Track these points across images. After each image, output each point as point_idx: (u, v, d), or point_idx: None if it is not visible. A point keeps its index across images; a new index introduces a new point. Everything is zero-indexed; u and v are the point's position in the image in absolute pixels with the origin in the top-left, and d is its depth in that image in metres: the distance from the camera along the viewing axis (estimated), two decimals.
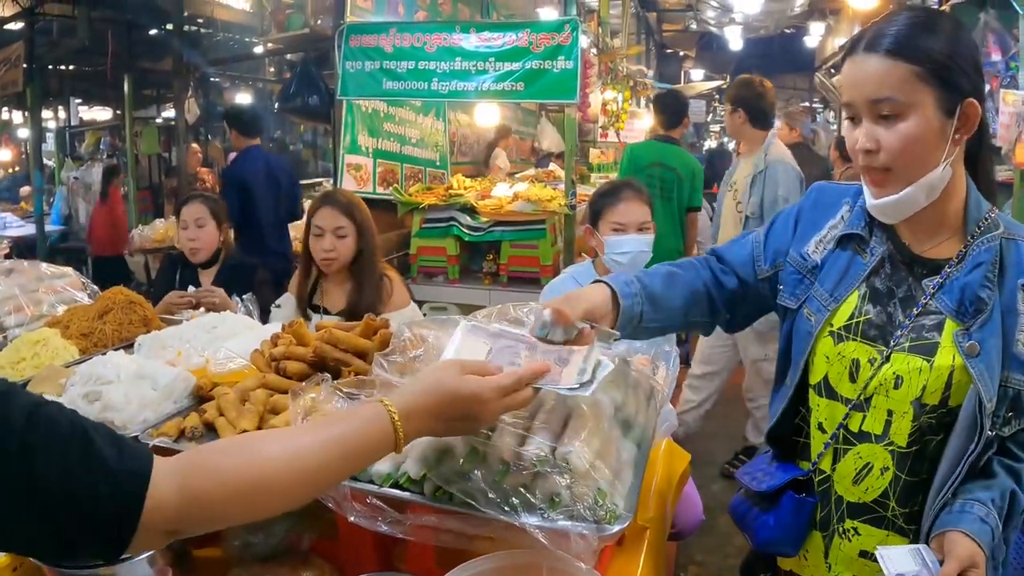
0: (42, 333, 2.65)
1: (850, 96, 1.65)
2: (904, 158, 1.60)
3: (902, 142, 1.58)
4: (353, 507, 1.57)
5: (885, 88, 1.58)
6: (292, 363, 2.13)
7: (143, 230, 6.98)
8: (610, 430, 1.68)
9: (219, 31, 11.74)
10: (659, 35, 18.98)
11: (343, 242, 3.44)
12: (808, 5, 14.30)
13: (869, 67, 1.60)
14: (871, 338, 1.74)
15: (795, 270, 1.90)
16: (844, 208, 1.88)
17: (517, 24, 6.43)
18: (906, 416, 1.69)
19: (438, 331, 1.82)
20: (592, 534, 1.43)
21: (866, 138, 1.62)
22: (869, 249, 1.79)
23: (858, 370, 1.75)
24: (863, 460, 1.76)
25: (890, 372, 1.70)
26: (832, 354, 1.79)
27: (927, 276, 1.72)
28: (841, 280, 1.80)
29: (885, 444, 1.72)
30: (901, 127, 1.58)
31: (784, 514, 1.86)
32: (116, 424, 1.99)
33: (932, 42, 1.57)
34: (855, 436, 1.77)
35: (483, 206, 6.29)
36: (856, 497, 1.78)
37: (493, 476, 1.48)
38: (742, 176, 5.14)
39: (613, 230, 3.35)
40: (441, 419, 1.38)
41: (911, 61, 1.56)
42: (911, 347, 1.69)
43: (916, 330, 1.69)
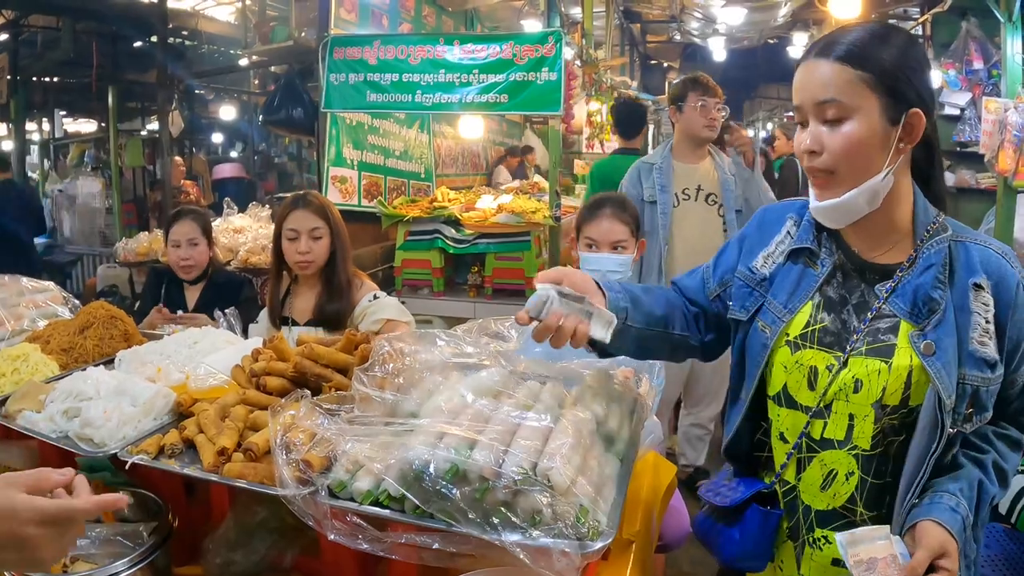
0: (22, 348, 2.62)
1: (799, 99, 1.68)
2: (846, 161, 1.63)
3: (845, 144, 1.61)
4: (333, 525, 1.55)
5: (831, 90, 1.61)
6: (272, 379, 2.12)
7: (127, 243, 6.91)
8: (592, 445, 1.67)
9: (203, 43, 11.74)
10: (643, 46, 19.04)
11: (319, 243, 3.39)
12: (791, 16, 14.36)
13: (819, 71, 1.63)
14: (827, 345, 1.76)
15: (743, 283, 1.92)
16: (789, 223, 1.91)
17: (501, 36, 6.44)
18: (867, 419, 1.71)
19: (416, 345, 1.81)
20: (574, 551, 1.42)
21: (811, 139, 1.65)
22: (820, 261, 1.81)
23: (816, 377, 1.76)
24: (828, 467, 1.77)
25: (849, 376, 1.71)
26: (790, 363, 1.80)
27: (879, 281, 1.74)
28: (794, 292, 1.82)
29: (848, 449, 1.74)
30: (844, 129, 1.61)
31: (750, 528, 1.86)
32: (95, 441, 1.97)
33: (882, 52, 1.60)
34: (818, 443, 1.78)
35: (467, 218, 6.29)
36: (824, 504, 1.79)
37: (473, 494, 1.47)
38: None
39: (587, 246, 3.31)
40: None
41: (859, 67, 1.59)
42: (868, 350, 1.71)
43: (872, 333, 1.72)
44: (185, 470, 1.84)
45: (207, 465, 1.80)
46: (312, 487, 1.59)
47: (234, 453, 1.81)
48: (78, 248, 11.31)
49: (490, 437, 1.54)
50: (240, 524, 1.99)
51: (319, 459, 1.61)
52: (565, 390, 1.86)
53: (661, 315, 1.93)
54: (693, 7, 13.98)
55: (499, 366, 1.88)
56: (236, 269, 5.93)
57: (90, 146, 15.21)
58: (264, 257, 6.19)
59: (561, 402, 1.78)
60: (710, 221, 4.58)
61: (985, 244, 1.74)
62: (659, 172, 4.51)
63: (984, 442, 1.76)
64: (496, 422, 1.61)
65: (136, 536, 1.91)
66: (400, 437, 1.59)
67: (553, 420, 1.65)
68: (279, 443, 1.64)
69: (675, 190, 4.50)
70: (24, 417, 2.13)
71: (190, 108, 13.21)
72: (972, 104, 7.23)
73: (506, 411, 1.66)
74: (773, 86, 22.67)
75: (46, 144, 15.47)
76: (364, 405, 1.72)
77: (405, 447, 1.54)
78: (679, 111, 4.59)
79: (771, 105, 23.68)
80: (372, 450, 1.58)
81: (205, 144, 17.11)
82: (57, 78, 12.81)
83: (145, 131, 15.35)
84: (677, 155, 4.61)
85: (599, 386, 1.91)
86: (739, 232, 2.04)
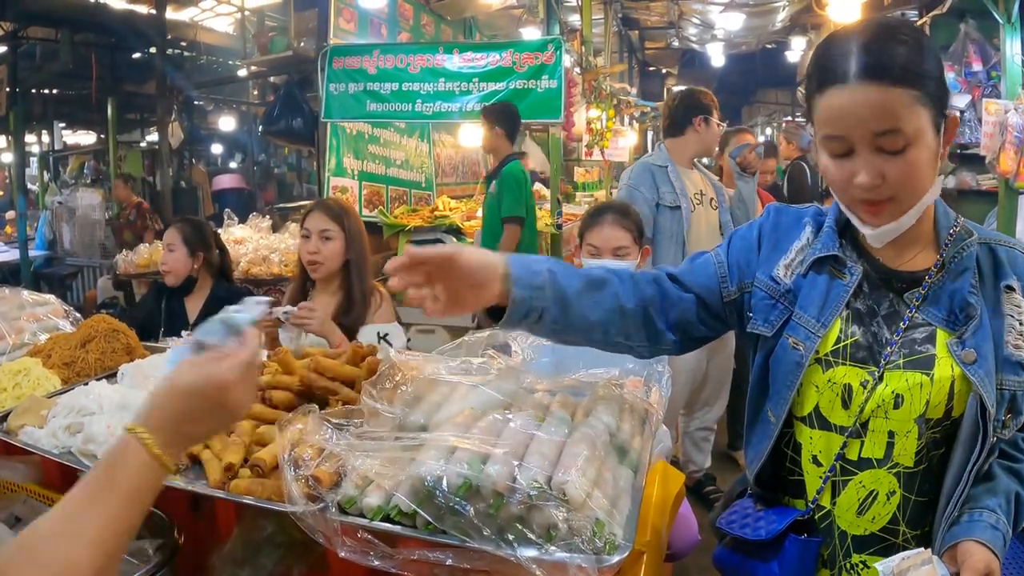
0: (23, 363, 2.60)
1: (844, 129, 1.51)
2: (909, 187, 1.52)
3: (910, 172, 1.49)
4: (343, 542, 1.52)
5: (893, 120, 1.45)
6: (279, 392, 2.09)
7: (127, 255, 6.90)
8: (606, 457, 1.65)
9: (202, 54, 11.75)
10: (642, 53, 19.07)
11: (328, 244, 3.42)
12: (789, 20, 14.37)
13: (872, 98, 1.45)
14: (860, 360, 1.66)
15: (766, 295, 1.79)
16: (807, 230, 1.80)
17: (500, 44, 6.44)
18: (910, 435, 1.62)
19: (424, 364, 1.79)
20: (591, 566, 1.39)
21: (870, 173, 1.50)
22: (847, 270, 1.71)
23: (851, 395, 1.66)
24: (867, 488, 1.67)
25: (887, 392, 1.62)
26: (821, 382, 1.70)
27: (907, 289, 1.66)
28: (825, 304, 1.70)
29: (889, 467, 1.65)
30: (909, 157, 1.48)
31: (789, 560, 1.74)
32: (98, 456, 1.95)
33: (921, 59, 1.46)
34: (854, 464, 1.68)
35: (469, 227, 6.27)
36: (862, 529, 1.70)
37: (487, 510, 1.44)
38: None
39: (589, 253, 3.35)
40: (193, 415, 1.31)
41: (912, 86, 1.45)
42: (906, 363, 1.62)
43: (907, 345, 1.63)
44: (191, 487, 1.82)
45: (213, 482, 1.77)
46: (322, 503, 1.56)
47: (241, 469, 1.79)
48: (78, 260, 11.30)
49: (503, 450, 1.51)
50: (247, 540, 1.97)
51: (328, 474, 1.59)
52: (575, 402, 1.83)
53: (599, 321, 1.72)
54: (691, 13, 13.99)
55: (507, 379, 1.85)
56: (237, 280, 5.91)
57: (89, 158, 15.23)
58: (265, 268, 6.19)
59: (572, 414, 1.75)
60: (713, 225, 4.66)
61: (1011, 246, 1.69)
62: (674, 176, 4.54)
63: (1016, 450, 1.71)
64: (508, 435, 1.59)
65: (142, 554, 1.88)
66: (410, 451, 1.57)
67: (566, 432, 1.62)
68: (287, 459, 1.61)
69: (689, 194, 4.52)
70: (26, 433, 2.11)
71: (189, 119, 13.23)
72: (972, 106, 7.21)
73: (518, 424, 1.63)
74: (772, 91, 22.68)
75: (45, 156, 15.49)
76: (373, 419, 1.70)
77: (416, 462, 1.51)
78: (706, 123, 4.66)
79: (770, 110, 23.70)
80: (382, 465, 1.56)
81: (205, 155, 17.12)
82: (56, 90, 12.84)
83: (144, 142, 15.37)
84: (677, 161, 4.65)
85: (609, 397, 1.88)
86: (750, 226, 1.90)
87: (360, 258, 3.49)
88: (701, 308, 1.84)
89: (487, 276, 1.57)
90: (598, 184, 11.30)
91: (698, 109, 4.69)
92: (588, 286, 1.71)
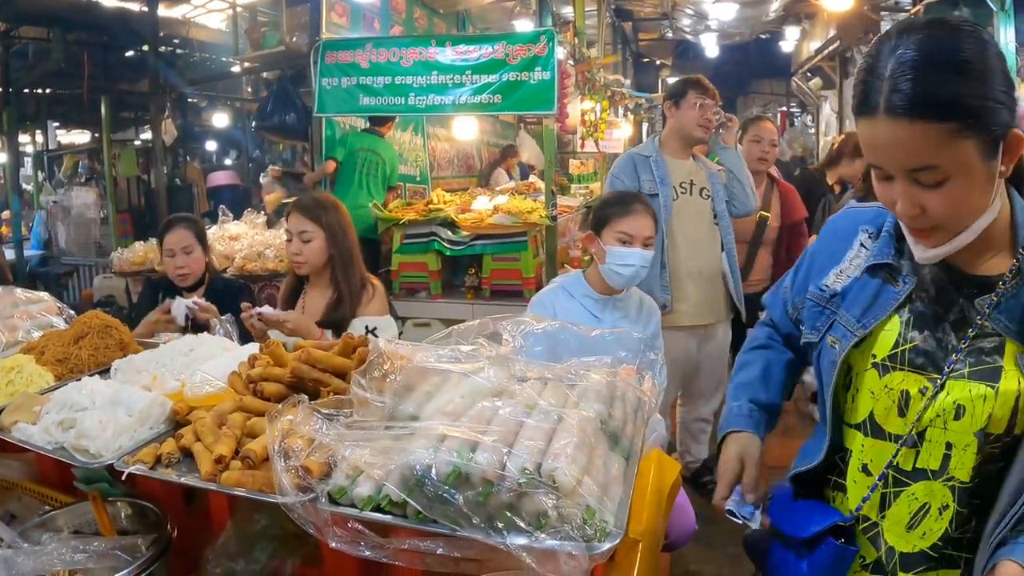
0: (16, 360, 2.59)
1: (876, 160, 1.45)
2: (954, 217, 1.44)
3: (950, 204, 1.41)
4: (334, 532, 1.52)
5: (921, 157, 1.37)
6: (270, 385, 2.08)
7: (123, 253, 6.89)
8: (597, 444, 1.64)
9: (195, 51, 11.72)
10: (635, 44, 19.09)
11: (308, 246, 3.48)
12: (783, 10, 14.37)
13: (895, 134, 1.37)
14: (919, 366, 1.58)
15: (814, 303, 1.77)
16: (863, 236, 1.74)
17: (493, 36, 6.42)
18: (969, 449, 1.53)
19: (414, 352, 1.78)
20: (582, 553, 1.38)
21: (909, 205, 1.44)
22: (901, 277, 1.63)
23: (908, 403, 1.58)
24: (919, 501, 1.60)
25: (948, 402, 1.53)
26: (877, 388, 1.63)
27: (979, 295, 1.54)
28: (870, 307, 1.65)
29: (944, 480, 1.57)
30: (946, 191, 1.40)
31: (820, 562, 1.66)
32: (91, 452, 1.94)
33: (960, 85, 1.33)
34: (908, 475, 1.61)
35: (463, 220, 6.26)
36: (910, 546, 1.62)
37: (476, 498, 1.43)
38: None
39: (620, 241, 3.37)
40: None
41: (944, 119, 1.33)
42: (971, 373, 1.52)
43: (974, 354, 1.53)
44: (182, 479, 1.81)
45: (204, 474, 1.76)
46: (312, 494, 1.55)
47: (232, 461, 1.78)
48: (74, 259, 11.29)
49: (492, 438, 1.50)
50: (240, 533, 1.97)
51: (318, 465, 1.58)
52: (567, 390, 1.82)
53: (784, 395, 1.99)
54: (685, 4, 14.00)
55: (498, 367, 1.84)
56: (233, 276, 5.91)
57: (84, 157, 15.20)
58: (260, 264, 6.19)
59: (563, 402, 1.74)
60: (704, 214, 4.62)
61: None
62: (656, 165, 4.51)
63: None
64: (498, 423, 1.58)
65: (134, 549, 1.88)
66: (400, 441, 1.56)
67: (556, 419, 1.62)
68: (277, 449, 1.61)
69: (673, 183, 4.49)
70: (19, 429, 2.10)
71: (183, 116, 13.19)
72: None
73: (508, 411, 1.62)
74: (766, 81, 22.68)
75: (40, 156, 15.45)
76: (362, 409, 1.69)
77: (406, 451, 1.50)
78: (676, 107, 4.61)
79: (764, 100, 23.68)
80: (372, 455, 1.55)
81: (199, 152, 17.09)
82: (49, 89, 12.78)
83: (139, 141, 15.34)
84: (667, 150, 4.63)
85: (601, 385, 1.88)
86: (810, 247, 1.89)
87: (344, 253, 3.52)
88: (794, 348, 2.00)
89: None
90: (593, 176, 11.28)
91: (668, 96, 4.72)
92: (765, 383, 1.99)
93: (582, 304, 3.44)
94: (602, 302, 3.46)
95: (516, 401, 1.69)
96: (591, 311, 3.43)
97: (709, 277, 4.57)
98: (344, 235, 3.52)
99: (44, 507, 2.21)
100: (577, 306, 3.42)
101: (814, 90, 17.26)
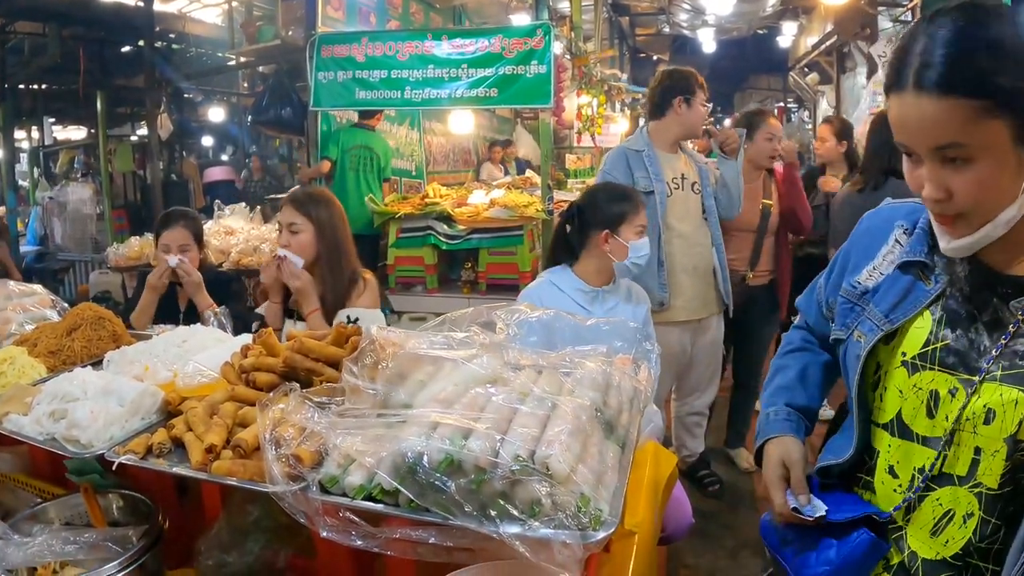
0: (9, 351, 2.58)
1: (904, 138, 1.42)
2: (978, 204, 1.39)
3: (977, 188, 1.37)
4: (326, 521, 1.50)
5: (948, 133, 1.34)
6: (262, 374, 2.07)
7: (118, 248, 6.88)
8: (592, 431, 1.62)
9: (191, 46, 11.70)
10: (632, 39, 19.08)
11: (297, 238, 3.46)
12: (780, 5, 14.37)
13: (923, 109, 1.35)
14: (950, 366, 1.52)
15: (846, 300, 1.73)
16: (898, 231, 1.69)
17: (489, 30, 6.40)
18: (997, 455, 1.46)
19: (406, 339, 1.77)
20: (576, 542, 1.36)
21: (934, 187, 1.40)
22: (934, 276, 1.58)
23: (937, 403, 1.53)
24: (943, 507, 1.54)
25: (979, 405, 1.46)
26: (906, 387, 1.58)
27: (1014, 296, 1.48)
28: (899, 303, 1.61)
29: (971, 486, 1.50)
30: (973, 172, 1.36)
31: (852, 552, 1.60)
32: (82, 442, 1.93)
33: (991, 62, 1.31)
34: (934, 479, 1.54)
35: (459, 214, 6.25)
36: (933, 553, 1.55)
37: (469, 485, 1.42)
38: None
39: (638, 235, 3.47)
40: None
41: (973, 95, 1.31)
42: (1004, 376, 1.46)
43: (1008, 356, 1.46)
44: (173, 469, 1.80)
45: (195, 463, 1.75)
46: (303, 482, 1.54)
47: (223, 450, 1.76)
48: (70, 255, 11.28)
49: (485, 425, 1.48)
50: (233, 524, 1.95)
51: (309, 454, 1.56)
52: (561, 378, 1.81)
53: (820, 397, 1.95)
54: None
55: (492, 354, 1.83)
56: (228, 270, 5.90)
57: (79, 152, 15.18)
58: (256, 258, 6.17)
59: (558, 389, 1.72)
60: (695, 209, 4.60)
61: None
62: (649, 160, 4.48)
63: None
64: (491, 410, 1.56)
65: (125, 540, 1.87)
66: (392, 429, 1.54)
67: (550, 407, 1.60)
68: (268, 438, 1.59)
69: (666, 179, 4.47)
70: (10, 420, 2.09)
71: (179, 111, 13.17)
72: None
73: (501, 399, 1.60)
74: (763, 76, 22.71)
75: (35, 151, 15.42)
76: (355, 397, 1.67)
77: (397, 439, 1.49)
78: (687, 105, 4.55)
79: (762, 95, 23.72)
80: (364, 443, 1.53)
81: (195, 147, 17.06)
82: (45, 85, 12.76)
83: (135, 136, 15.32)
84: (659, 144, 4.59)
85: (596, 373, 1.86)
86: (846, 243, 1.84)
87: (332, 247, 3.51)
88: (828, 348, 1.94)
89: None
90: (590, 171, 11.26)
91: (678, 90, 4.58)
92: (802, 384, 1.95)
93: (572, 298, 3.44)
94: (592, 294, 3.47)
95: (510, 388, 1.67)
96: (582, 304, 3.43)
97: (703, 272, 4.56)
98: (333, 230, 3.51)
99: (36, 500, 2.20)
100: (568, 300, 3.41)
101: (811, 85, 17.26)
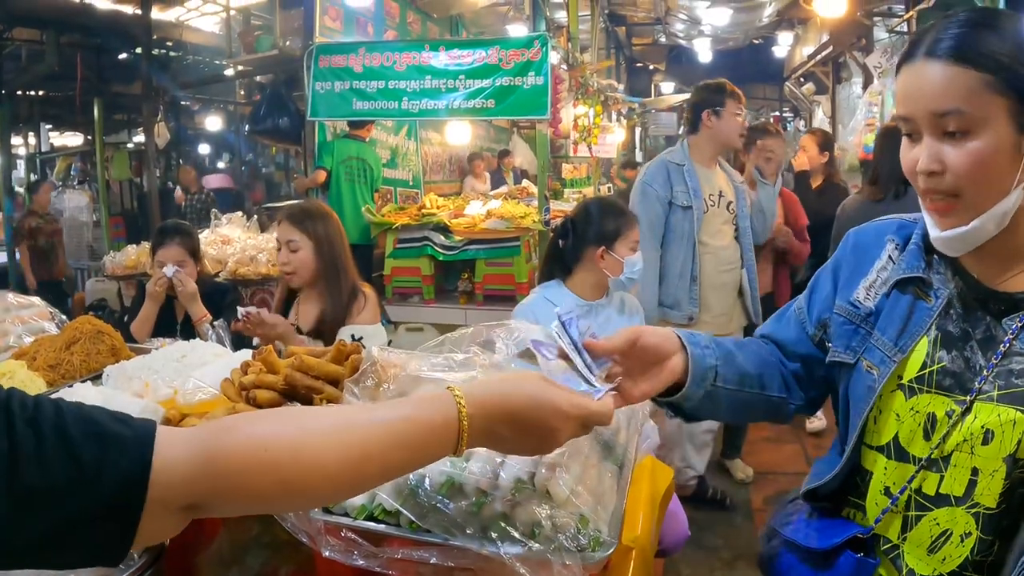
0: (7, 365, 2.59)
1: (907, 109, 1.43)
2: (973, 182, 1.38)
3: (972, 162, 1.36)
4: (327, 541, 1.52)
5: (950, 99, 1.36)
6: (262, 392, 2.07)
7: (115, 256, 6.86)
8: (590, 453, 1.64)
9: (188, 54, 11.72)
10: (629, 49, 19.11)
11: (296, 256, 3.43)
12: (776, 15, 14.41)
13: (931, 75, 1.38)
14: (946, 388, 1.49)
15: (846, 320, 1.66)
16: (890, 247, 1.65)
17: (487, 41, 6.44)
18: (996, 475, 1.43)
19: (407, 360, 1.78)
20: (576, 563, 1.38)
21: (929, 158, 1.40)
22: (933, 292, 1.55)
23: (934, 426, 1.49)
24: (940, 527, 1.50)
25: (976, 425, 1.44)
26: (903, 411, 1.55)
27: (1007, 313, 1.46)
28: (905, 327, 1.56)
29: (968, 507, 1.46)
30: (971, 145, 1.36)
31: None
32: None
33: (1001, 44, 1.35)
34: (931, 500, 1.51)
35: (456, 224, 6.26)
36: (931, 569, 1.52)
37: (470, 507, 1.43)
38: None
39: (631, 250, 3.46)
40: (514, 425, 1.20)
41: (980, 67, 1.34)
42: (1000, 396, 1.43)
43: (1003, 376, 1.44)
44: None
45: None
46: None
47: None
48: None
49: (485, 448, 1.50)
50: (233, 541, 1.96)
51: None
52: None
53: (756, 374, 1.71)
54: (678, 9, 14.04)
55: (492, 375, 1.84)
56: (225, 280, 5.89)
57: (76, 159, 15.18)
58: (253, 268, 6.17)
59: None
60: (728, 227, 4.58)
61: None
62: (688, 175, 4.45)
63: None
64: None
65: (127, 556, 1.87)
66: None
67: None
68: None
69: (704, 195, 4.46)
70: None
71: (176, 119, 13.20)
72: None
73: None
74: (759, 86, 22.73)
75: (32, 158, 15.42)
76: None
77: None
78: (717, 116, 4.52)
79: (758, 105, 23.72)
80: None
81: (192, 155, 17.07)
82: (42, 91, 12.77)
83: (132, 143, 15.31)
84: (697, 159, 4.54)
85: None
86: (830, 261, 1.80)
87: (331, 264, 3.48)
88: (804, 363, 1.79)
89: (669, 349, 1.56)
90: (586, 181, 11.28)
91: (706, 104, 4.56)
92: (735, 344, 1.74)
93: None
94: (586, 308, 3.47)
95: None
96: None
97: (731, 289, 4.57)
98: (331, 246, 3.48)
99: None
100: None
101: (807, 95, 17.28)
